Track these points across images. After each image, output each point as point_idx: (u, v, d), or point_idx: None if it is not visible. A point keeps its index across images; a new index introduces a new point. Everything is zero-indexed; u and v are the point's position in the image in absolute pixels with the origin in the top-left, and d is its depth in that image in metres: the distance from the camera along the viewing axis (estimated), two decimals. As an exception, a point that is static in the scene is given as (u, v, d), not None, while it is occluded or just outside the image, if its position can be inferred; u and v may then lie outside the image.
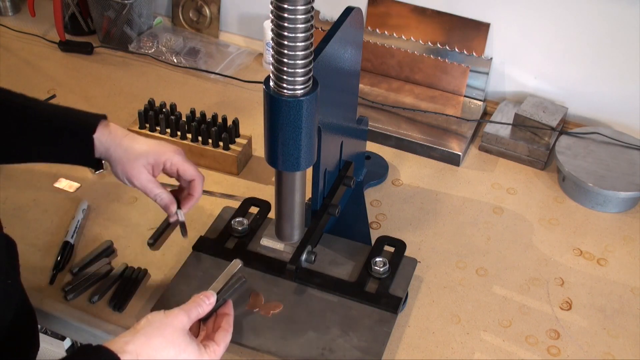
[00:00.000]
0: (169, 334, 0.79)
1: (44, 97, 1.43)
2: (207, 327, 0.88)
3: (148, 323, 0.79)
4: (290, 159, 0.89)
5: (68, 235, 1.12)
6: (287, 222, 1.00)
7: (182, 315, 0.82)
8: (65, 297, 1.04)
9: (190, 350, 0.81)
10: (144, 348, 0.77)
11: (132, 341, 0.77)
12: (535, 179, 1.32)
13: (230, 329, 0.87)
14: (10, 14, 1.74)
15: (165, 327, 0.80)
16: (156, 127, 1.31)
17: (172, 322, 0.81)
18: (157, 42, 1.61)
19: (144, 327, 0.79)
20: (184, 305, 0.85)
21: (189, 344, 0.81)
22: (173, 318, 0.81)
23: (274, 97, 0.84)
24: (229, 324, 0.88)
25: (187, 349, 0.80)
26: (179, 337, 0.80)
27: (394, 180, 1.30)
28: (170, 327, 0.80)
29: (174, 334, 0.80)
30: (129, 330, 0.79)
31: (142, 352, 0.76)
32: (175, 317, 0.81)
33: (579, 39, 1.35)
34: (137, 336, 0.77)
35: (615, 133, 1.34)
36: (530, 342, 1.02)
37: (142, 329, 0.79)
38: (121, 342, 0.76)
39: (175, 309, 0.83)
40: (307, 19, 0.80)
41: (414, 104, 1.45)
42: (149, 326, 0.79)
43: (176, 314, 0.82)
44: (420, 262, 1.12)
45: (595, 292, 1.11)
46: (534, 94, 1.43)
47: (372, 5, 1.48)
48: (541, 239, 1.19)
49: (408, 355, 1.00)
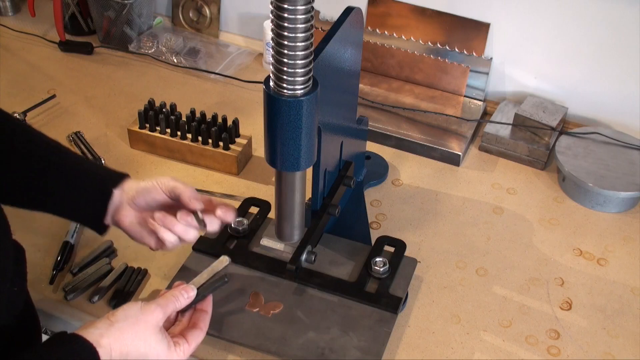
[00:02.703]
0: (142, 329, 0.80)
1: (44, 97, 1.43)
2: (184, 320, 0.88)
3: (124, 317, 0.80)
4: (290, 159, 0.89)
5: (68, 235, 1.12)
6: (287, 222, 1.00)
7: (158, 311, 0.82)
8: (65, 297, 1.04)
9: (160, 349, 0.81)
10: (117, 342, 0.77)
11: (106, 334, 0.77)
12: (535, 179, 1.32)
13: (205, 328, 0.87)
14: (10, 14, 1.74)
15: (140, 322, 0.80)
16: (156, 127, 1.31)
17: (146, 318, 0.81)
18: (157, 42, 1.61)
19: (119, 320, 0.79)
20: (161, 299, 0.85)
21: (160, 341, 0.81)
22: (149, 314, 0.81)
23: (274, 97, 0.84)
24: (205, 324, 0.88)
25: (157, 346, 0.81)
26: (151, 334, 0.81)
27: (394, 180, 1.30)
28: (144, 324, 0.80)
29: (146, 331, 0.80)
30: (104, 321, 0.79)
31: (114, 346, 0.77)
32: (151, 314, 0.81)
33: (579, 39, 1.35)
34: (111, 330, 0.78)
35: (615, 133, 1.34)
36: (530, 342, 1.02)
37: (116, 322, 0.79)
38: (96, 334, 0.77)
39: (152, 303, 0.83)
40: (307, 19, 0.80)
41: (414, 104, 1.45)
42: (124, 320, 0.79)
43: (152, 310, 0.82)
44: (420, 262, 1.12)
45: (595, 292, 1.11)
46: (534, 94, 1.43)
47: (372, 5, 1.48)
48: (541, 239, 1.19)
49: (408, 355, 1.00)
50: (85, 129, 1.38)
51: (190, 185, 0.94)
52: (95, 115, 1.43)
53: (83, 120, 1.41)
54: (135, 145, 1.34)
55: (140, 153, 1.33)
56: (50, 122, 1.40)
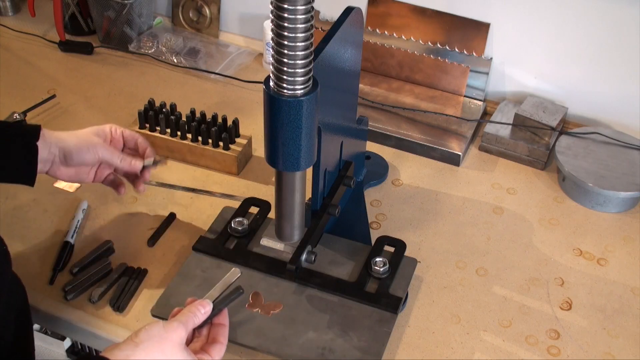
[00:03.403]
0: (169, 349, 0.80)
1: (44, 97, 1.43)
2: (202, 335, 0.89)
3: (148, 337, 0.80)
4: (290, 159, 0.89)
5: (68, 235, 1.12)
6: (287, 222, 1.00)
7: (181, 328, 0.83)
8: (65, 297, 1.04)
9: None
10: None
11: (132, 355, 0.77)
12: (535, 179, 1.32)
13: (225, 342, 0.89)
14: (10, 14, 1.74)
15: (165, 341, 0.80)
16: (156, 127, 1.31)
17: (170, 336, 0.81)
18: (157, 42, 1.61)
19: (144, 341, 0.79)
20: (181, 316, 0.85)
21: (187, 358, 0.82)
22: (172, 332, 0.82)
23: (274, 97, 0.84)
24: (225, 337, 0.89)
25: None
26: (177, 352, 0.81)
27: (394, 180, 1.30)
28: (169, 342, 0.81)
29: (173, 349, 0.81)
30: (128, 343, 0.79)
31: None
32: (174, 332, 0.82)
33: (579, 39, 1.35)
34: (136, 351, 0.78)
35: (615, 133, 1.34)
36: (530, 342, 1.02)
37: (141, 342, 0.79)
38: (122, 355, 0.77)
39: (174, 321, 0.84)
40: (307, 19, 0.80)
41: (414, 104, 1.45)
42: (148, 340, 0.80)
43: (175, 328, 0.82)
44: (420, 262, 1.12)
45: (595, 292, 1.11)
46: (534, 94, 1.43)
47: (372, 5, 1.48)
48: (541, 239, 1.19)
49: (408, 355, 1.00)
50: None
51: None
52: (95, 115, 1.43)
53: (83, 120, 1.41)
54: (135, 145, 1.34)
55: (140, 153, 1.33)
56: (50, 122, 1.40)
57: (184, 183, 1.26)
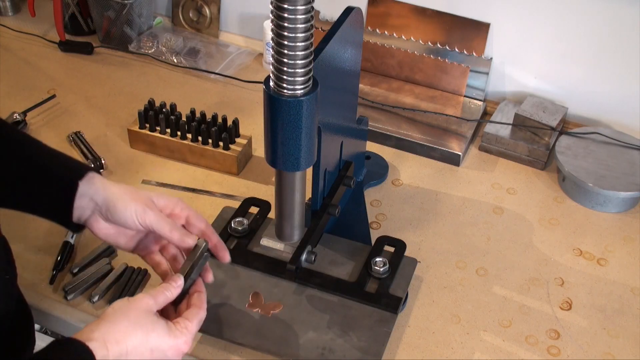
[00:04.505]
0: (134, 316, 0.78)
1: (44, 97, 1.43)
2: (181, 308, 0.85)
3: (112, 310, 0.78)
4: (290, 159, 0.89)
5: (68, 235, 1.12)
6: (287, 222, 1.00)
7: (147, 298, 0.80)
8: (65, 297, 1.04)
9: (159, 330, 0.78)
10: (110, 333, 0.75)
11: (97, 329, 0.75)
12: (535, 179, 1.32)
13: (202, 305, 0.84)
14: (10, 14, 1.74)
15: (130, 310, 0.78)
16: (156, 127, 1.31)
17: (136, 305, 0.79)
18: (157, 42, 1.61)
19: (108, 314, 0.77)
20: (150, 290, 0.83)
21: (156, 322, 0.79)
22: (137, 302, 0.79)
23: (274, 97, 0.84)
24: (202, 302, 0.85)
25: (155, 328, 0.78)
26: (145, 318, 0.78)
27: (394, 180, 1.30)
28: (135, 310, 0.78)
29: (138, 316, 0.78)
30: (95, 320, 0.78)
31: (108, 337, 0.75)
32: (140, 301, 0.79)
33: (579, 39, 1.35)
34: (102, 324, 0.76)
35: (615, 133, 1.34)
36: (530, 342, 1.02)
37: (106, 316, 0.77)
38: (87, 330, 0.75)
39: (140, 294, 0.81)
40: (307, 19, 0.80)
41: (414, 104, 1.45)
42: (112, 314, 0.77)
43: (141, 298, 0.80)
44: (420, 262, 1.12)
45: (595, 292, 1.11)
46: (534, 94, 1.43)
47: (372, 5, 1.48)
48: (541, 239, 1.19)
49: (408, 355, 1.00)
50: (85, 129, 1.38)
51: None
52: (95, 115, 1.43)
53: (83, 120, 1.41)
54: (135, 146, 1.34)
55: (140, 153, 1.33)
56: (50, 122, 1.40)
57: (184, 183, 1.26)
